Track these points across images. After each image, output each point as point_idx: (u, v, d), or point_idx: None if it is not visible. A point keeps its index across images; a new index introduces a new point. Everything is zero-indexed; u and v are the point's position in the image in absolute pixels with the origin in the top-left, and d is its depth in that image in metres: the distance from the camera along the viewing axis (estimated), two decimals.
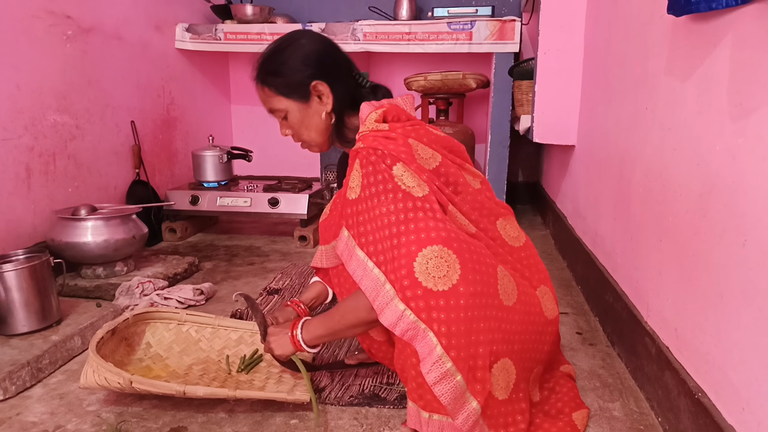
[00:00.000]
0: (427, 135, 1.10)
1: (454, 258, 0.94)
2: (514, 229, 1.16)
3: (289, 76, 1.14)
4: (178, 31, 2.76)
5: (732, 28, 0.88)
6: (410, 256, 0.93)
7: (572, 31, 2.07)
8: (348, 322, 1.07)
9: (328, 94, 1.15)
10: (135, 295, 1.70)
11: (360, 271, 1.01)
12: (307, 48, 1.16)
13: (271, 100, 1.17)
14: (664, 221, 1.14)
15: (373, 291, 0.98)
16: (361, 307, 1.02)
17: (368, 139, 1.05)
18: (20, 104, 1.81)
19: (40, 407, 1.18)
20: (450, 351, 0.91)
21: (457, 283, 0.93)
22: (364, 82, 1.22)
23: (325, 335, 1.12)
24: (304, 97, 1.15)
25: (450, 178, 1.08)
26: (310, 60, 1.15)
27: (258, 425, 1.11)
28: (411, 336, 0.93)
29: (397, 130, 1.07)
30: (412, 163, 1.02)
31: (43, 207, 1.91)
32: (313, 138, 1.20)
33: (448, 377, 0.92)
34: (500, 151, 2.66)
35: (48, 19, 1.92)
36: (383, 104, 1.13)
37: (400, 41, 2.63)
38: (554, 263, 2.19)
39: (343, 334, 1.13)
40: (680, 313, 1.05)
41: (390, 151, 1.02)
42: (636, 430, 1.09)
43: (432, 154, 1.07)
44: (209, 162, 2.58)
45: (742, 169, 0.84)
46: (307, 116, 1.17)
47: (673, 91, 1.13)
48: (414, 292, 0.92)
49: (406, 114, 1.13)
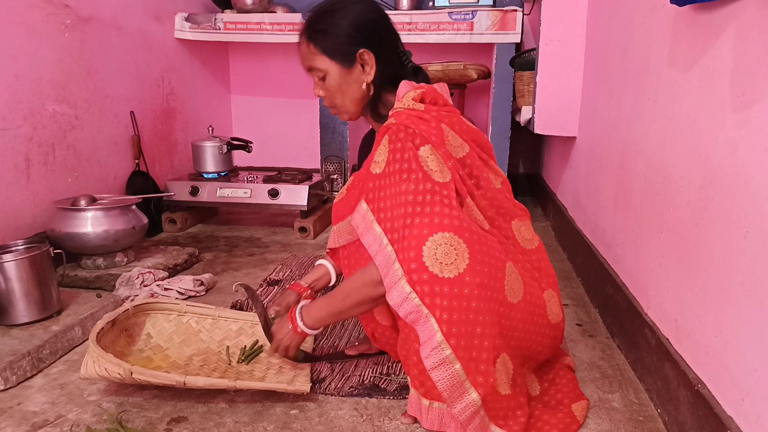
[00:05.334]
0: (459, 123, 1.10)
1: (464, 247, 0.94)
2: (529, 231, 1.17)
3: (339, 37, 1.12)
4: (177, 20, 2.74)
5: (735, 19, 0.87)
6: (421, 239, 0.93)
7: (574, 22, 2.05)
8: (353, 299, 1.06)
9: (372, 65, 1.14)
10: (135, 286, 1.70)
11: (375, 245, 1.00)
12: (361, 14, 1.15)
13: (314, 58, 1.14)
14: (665, 213, 1.14)
15: (385, 267, 0.98)
16: (369, 281, 1.02)
17: (401, 116, 1.05)
18: (19, 94, 1.80)
19: (41, 397, 1.18)
20: (450, 339, 0.92)
21: (464, 272, 0.93)
22: (407, 61, 1.22)
23: (327, 316, 1.11)
24: (348, 62, 1.13)
25: (474, 171, 1.08)
26: (362, 27, 1.13)
27: (258, 415, 1.12)
28: (413, 319, 0.94)
29: (431, 112, 1.06)
30: (440, 147, 1.02)
31: (42, 197, 1.90)
32: (347, 105, 1.18)
33: (446, 364, 0.92)
34: (501, 142, 2.65)
35: (46, 8, 1.91)
36: (423, 86, 1.13)
37: (401, 31, 2.55)
38: (555, 255, 2.19)
39: (348, 314, 1.10)
40: (680, 304, 1.05)
41: (421, 131, 1.01)
42: (635, 421, 1.09)
43: (461, 143, 1.07)
44: (209, 153, 2.58)
45: (744, 161, 0.83)
46: (347, 82, 1.15)
47: (675, 82, 1.12)
48: (420, 276, 0.92)
49: (444, 99, 1.13)
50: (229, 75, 3.39)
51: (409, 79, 1.17)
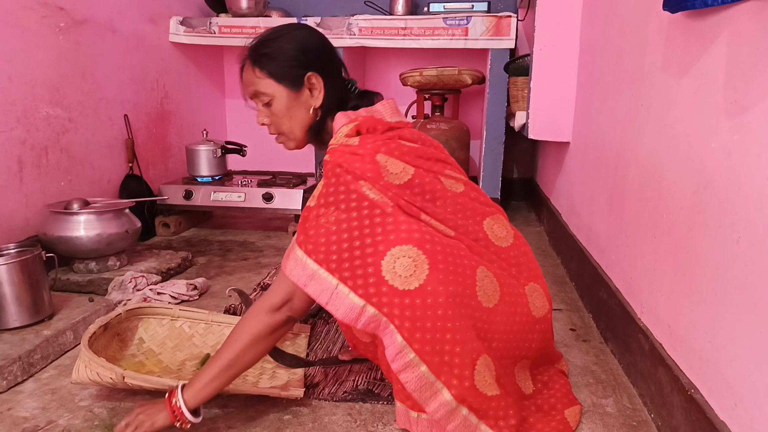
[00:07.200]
0: (399, 148, 1.06)
1: (424, 258, 0.93)
2: (503, 228, 1.14)
3: (286, 60, 1.11)
4: (173, 24, 2.74)
5: (728, 25, 0.88)
6: (377, 256, 0.93)
7: (568, 28, 2.07)
8: (246, 337, 1.01)
9: (320, 89, 1.13)
10: (128, 290, 1.69)
11: (299, 269, 0.98)
12: (306, 38, 1.14)
13: (260, 82, 1.12)
14: (659, 218, 1.14)
15: (317, 285, 0.96)
16: (264, 308, 1.01)
17: (335, 154, 1.03)
18: (12, 96, 1.79)
19: (32, 402, 1.17)
20: (413, 343, 0.91)
21: (425, 282, 0.92)
22: (353, 88, 1.21)
23: (215, 377, 1.01)
24: (296, 85, 1.12)
25: (425, 187, 1.05)
26: (309, 51, 1.13)
27: (251, 420, 1.11)
28: (374, 327, 0.94)
29: (367, 145, 1.03)
30: (377, 182, 1.00)
31: (35, 200, 1.89)
32: (294, 131, 1.16)
33: (411, 367, 0.92)
34: (495, 147, 2.66)
35: (40, 10, 1.90)
36: (359, 115, 1.10)
37: (396, 36, 2.62)
38: (548, 260, 2.20)
39: (242, 361, 1.02)
40: (674, 309, 1.05)
41: (354, 169, 0.99)
42: (629, 426, 1.09)
43: (403, 167, 1.04)
44: (203, 156, 2.57)
45: (738, 166, 0.84)
46: (294, 107, 1.14)
47: (668, 88, 1.12)
48: (378, 289, 0.92)
49: (383, 123, 1.09)
50: (224, 79, 3.39)
51: (354, 104, 1.15)
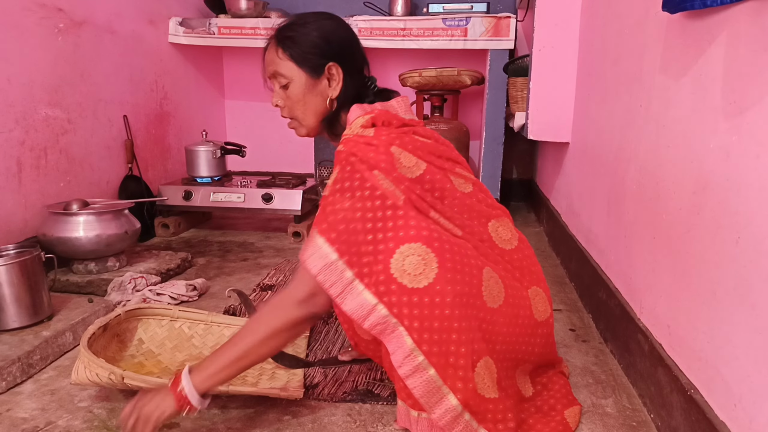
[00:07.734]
0: (413, 143, 1.06)
1: (432, 256, 0.93)
2: (507, 231, 1.14)
3: (309, 47, 1.11)
4: (172, 25, 2.74)
5: (727, 26, 0.88)
6: (387, 253, 0.93)
7: (567, 28, 2.07)
8: (265, 329, 0.98)
9: (339, 81, 1.12)
10: (127, 291, 1.69)
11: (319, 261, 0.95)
12: (333, 29, 1.14)
13: (281, 63, 1.11)
14: (658, 218, 1.14)
15: (333, 275, 0.95)
16: (288, 301, 0.99)
17: (350, 143, 1.03)
18: (11, 97, 1.79)
19: (31, 403, 1.17)
20: (421, 345, 0.91)
21: (434, 281, 0.92)
22: (372, 85, 1.20)
23: (226, 366, 0.98)
24: (316, 73, 1.11)
25: (436, 184, 1.05)
26: (333, 41, 1.12)
27: (251, 421, 1.11)
28: (380, 330, 0.93)
29: (381, 136, 1.03)
30: (390, 173, 0.99)
31: (34, 201, 1.89)
32: (308, 118, 1.15)
33: (420, 371, 0.91)
34: (495, 148, 2.66)
35: (39, 11, 1.90)
36: (374, 108, 1.11)
37: (395, 37, 2.62)
38: (548, 260, 2.20)
39: (256, 353, 1.00)
40: (673, 310, 1.05)
41: (368, 159, 0.99)
42: (628, 427, 1.09)
43: (416, 162, 1.04)
44: (202, 157, 2.57)
45: (736, 167, 0.84)
46: (310, 93, 1.13)
47: (667, 89, 1.13)
48: (388, 287, 0.92)
49: (398, 119, 1.10)
50: (223, 79, 3.39)
51: (371, 100, 1.15)
